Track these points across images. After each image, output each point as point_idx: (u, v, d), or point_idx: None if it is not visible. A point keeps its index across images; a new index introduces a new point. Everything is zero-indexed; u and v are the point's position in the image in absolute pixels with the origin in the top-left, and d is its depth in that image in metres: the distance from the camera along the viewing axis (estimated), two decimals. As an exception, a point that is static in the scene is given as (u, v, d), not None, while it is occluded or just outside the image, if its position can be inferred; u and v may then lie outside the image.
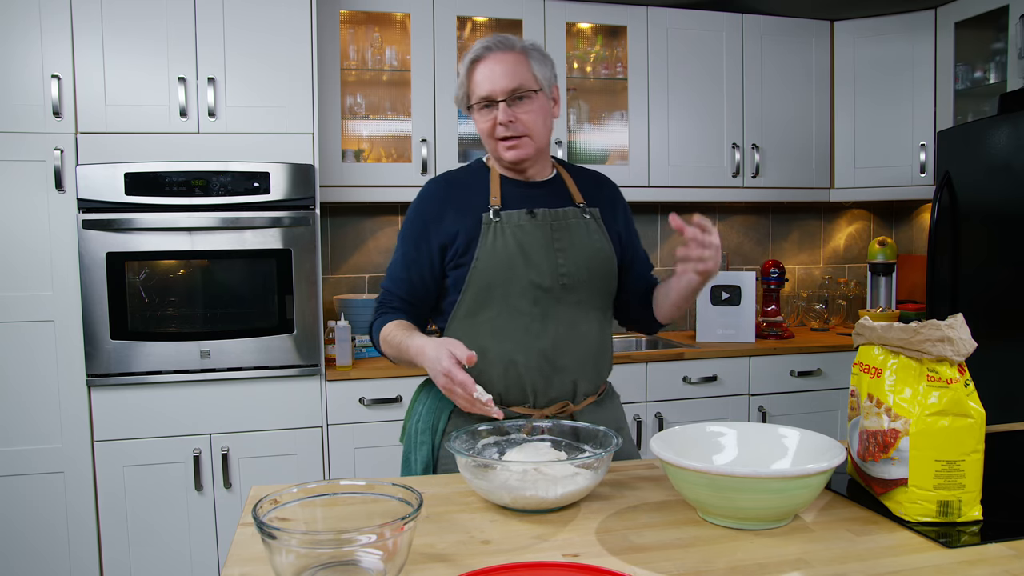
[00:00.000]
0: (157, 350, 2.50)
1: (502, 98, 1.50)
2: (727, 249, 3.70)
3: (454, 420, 1.56)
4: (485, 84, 1.50)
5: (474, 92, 1.53)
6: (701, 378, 3.02)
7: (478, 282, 1.52)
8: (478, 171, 1.63)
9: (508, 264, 1.51)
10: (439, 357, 1.34)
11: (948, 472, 1.11)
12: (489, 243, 1.51)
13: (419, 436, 1.59)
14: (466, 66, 1.53)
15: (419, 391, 1.68)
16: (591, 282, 1.57)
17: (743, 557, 1.02)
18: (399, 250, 1.60)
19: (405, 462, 1.63)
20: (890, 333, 1.18)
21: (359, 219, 3.25)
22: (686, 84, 3.25)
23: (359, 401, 2.68)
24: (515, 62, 1.51)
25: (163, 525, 2.53)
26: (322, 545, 0.90)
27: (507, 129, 1.51)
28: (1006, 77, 2.95)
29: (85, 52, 2.43)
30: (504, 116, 1.50)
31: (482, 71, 1.51)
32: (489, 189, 1.57)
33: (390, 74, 3.09)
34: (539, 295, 1.52)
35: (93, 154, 2.44)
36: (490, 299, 1.52)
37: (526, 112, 1.52)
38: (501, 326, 1.52)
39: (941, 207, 2.81)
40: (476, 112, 1.54)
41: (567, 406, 1.56)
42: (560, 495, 1.17)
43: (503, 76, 1.50)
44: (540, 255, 1.52)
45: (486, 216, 1.53)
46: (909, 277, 3.71)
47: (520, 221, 1.53)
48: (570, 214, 1.58)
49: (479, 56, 1.52)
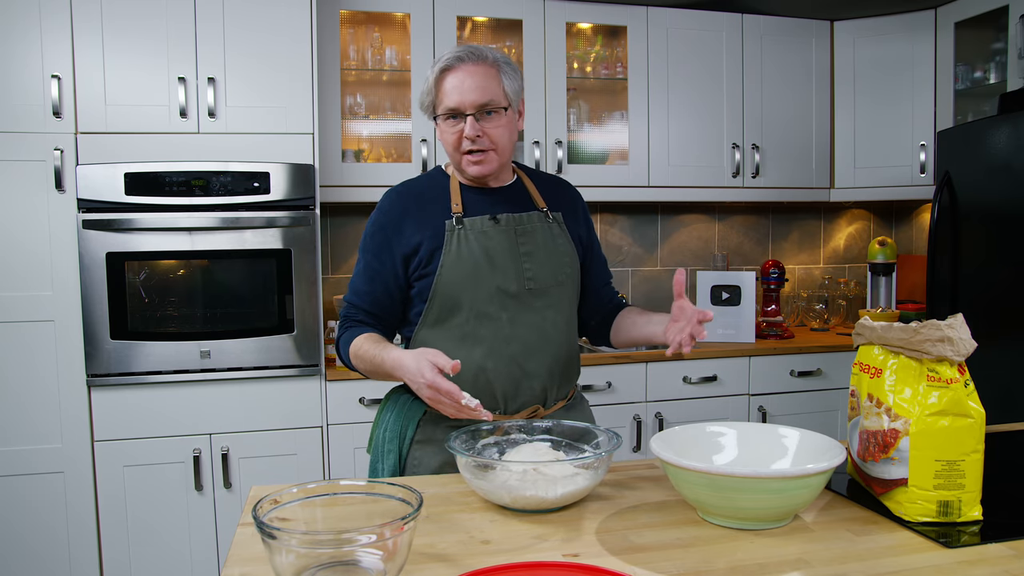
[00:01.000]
0: (157, 350, 2.50)
1: (471, 112, 1.47)
2: (727, 249, 3.70)
3: (423, 428, 1.55)
4: (454, 95, 1.47)
5: (442, 102, 1.49)
6: (701, 378, 3.02)
7: (444, 290, 1.51)
8: (437, 178, 1.61)
9: (474, 271, 1.50)
10: (420, 369, 1.32)
11: (948, 472, 1.11)
12: (454, 251, 1.50)
13: (386, 444, 1.57)
14: (435, 74, 1.49)
15: (386, 400, 1.66)
16: (557, 286, 1.57)
17: (743, 557, 1.02)
18: (361, 262, 1.57)
19: (372, 471, 1.61)
20: (890, 333, 1.18)
21: (359, 219, 3.25)
22: (686, 84, 3.25)
23: (359, 401, 2.68)
24: (486, 75, 1.48)
25: (163, 525, 2.53)
26: (322, 545, 0.90)
27: (473, 143, 1.49)
28: (1006, 77, 2.95)
29: (85, 52, 2.43)
30: (471, 131, 1.47)
31: (452, 81, 1.47)
32: (450, 197, 1.55)
33: (390, 74, 3.09)
34: (506, 300, 1.51)
35: (93, 154, 2.44)
36: (457, 307, 1.51)
37: (494, 127, 1.49)
38: (469, 333, 1.51)
39: (941, 207, 2.81)
40: (441, 121, 1.51)
41: (538, 410, 1.56)
42: (560, 495, 1.17)
43: (473, 90, 1.46)
44: (506, 260, 1.51)
45: (449, 224, 1.51)
46: (909, 277, 3.71)
47: (484, 227, 1.52)
48: (534, 218, 1.57)
49: (450, 66, 1.48)
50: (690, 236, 3.66)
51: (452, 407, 1.30)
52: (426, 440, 1.55)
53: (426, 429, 1.55)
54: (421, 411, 1.57)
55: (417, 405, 1.58)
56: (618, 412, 2.92)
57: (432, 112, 1.53)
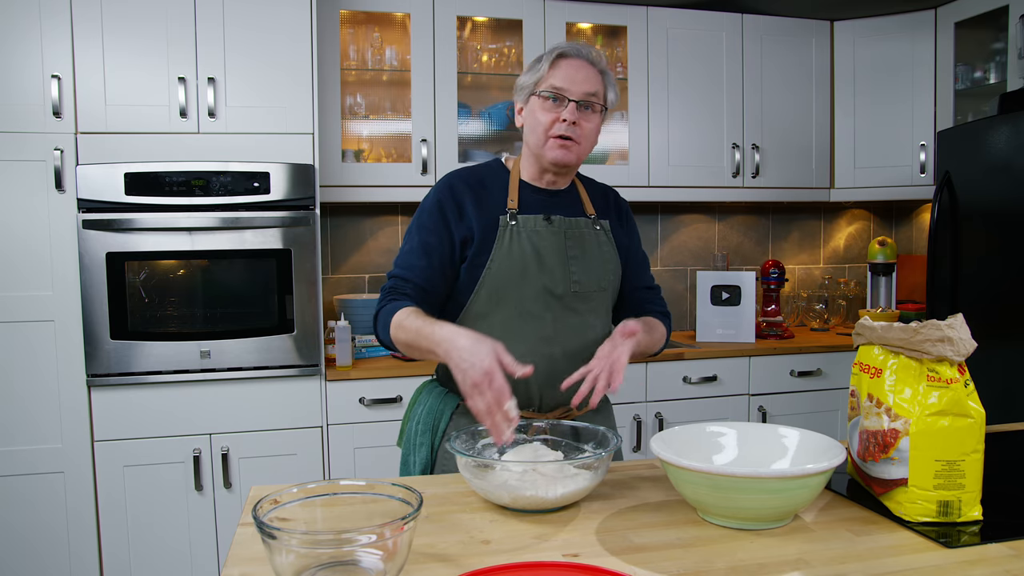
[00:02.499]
0: (157, 350, 2.49)
1: (576, 98, 1.49)
2: (727, 249, 3.70)
3: (455, 421, 1.56)
4: (565, 79, 1.50)
5: (548, 80, 1.50)
6: (701, 378, 3.02)
7: (491, 284, 1.51)
8: (497, 170, 1.61)
9: (523, 268, 1.50)
10: (480, 352, 1.20)
11: (948, 472, 1.11)
12: (505, 245, 1.51)
13: (418, 438, 1.58)
14: (550, 57, 1.51)
15: (417, 394, 1.67)
16: (600, 292, 1.58)
17: (743, 557, 1.02)
18: (415, 239, 1.53)
19: (404, 464, 1.63)
20: (890, 333, 1.18)
21: (359, 219, 3.25)
22: (686, 84, 3.25)
23: (359, 401, 2.68)
24: (596, 75, 1.52)
25: (163, 525, 2.53)
26: (322, 545, 0.90)
27: (568, 129, 1.50)
28: (1006, 77, 2.95)
29: (85, 52, 2.43)
30: (571, 115, 1.49)
31: (566, 67, 1.50)
32: (507, 190, 1.56)
33: (390, 74, 3.09)
34: (551, 301, 1.52)
35: (93, 154, 2.44)
36: (503, 301, 1.51)
37: (588, 121, 1.52)
38: (513, 329, 1.51)
39: (941, 207, 2.81)
40: (539, 101, 1.51)
41: (569, 412, 1.56)
42: (560, 495, 1.17)
43: (585, 80, 1.50)
44: (554, 261, 1.53)
45: (503, 219, 1.52)
46: (909, 277, 3.71)
47: (537, 226, 1.53)
48: (583, 224, 1.58)
49: (568, 53, 1.52)
50: (690, 236, 3.66)
51: (489, 405, 1.18)
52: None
53: (459, 422, 1.55)
54: (454, 404, 1.57)
55: (451, 398, 1.58)
56: (618, 412, 2.92)
57: (531, 91, 1.53)
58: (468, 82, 3.16)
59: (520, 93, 1.57)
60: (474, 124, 3.16)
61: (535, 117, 1.52)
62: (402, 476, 1.63)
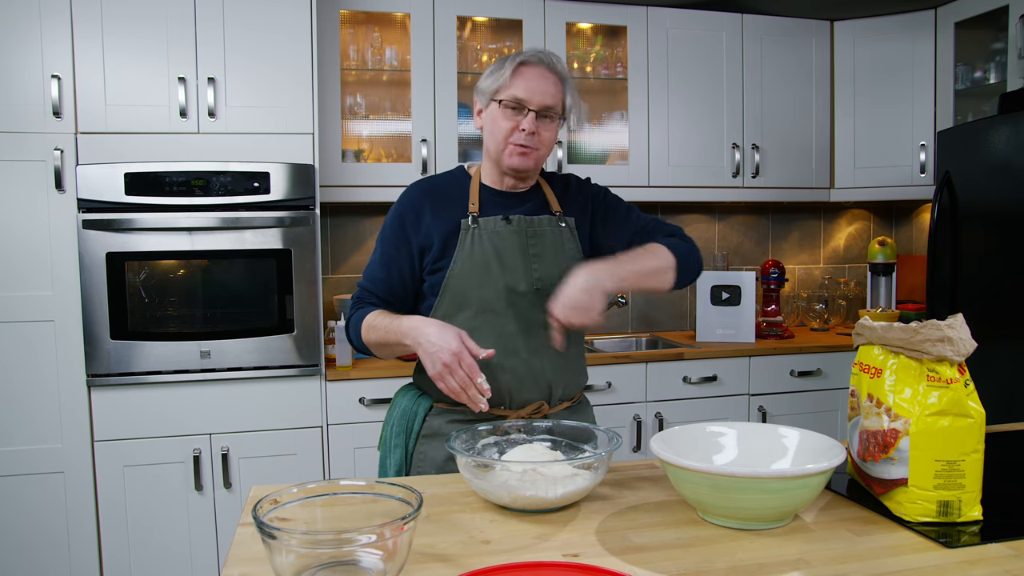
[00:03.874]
0: (157, 350, 2.49)
1: (535, 108, 1.53)
2: (727, 249, 3.70)
3: (428, 423, 1.59)
4: (526, 89, 1.53)
5: (509, 90, 1.53)
6: (701, 378, 3.02)
7: (454, 286, 1.55)
8: (459, 177, 1.66)
9: (484, 268, 1.54)
10: (446, 337, 1.36)
11: (948, 472, 1.11)
12: (467, 248, 1.55)
13: (393, 439, 1.62)
14: (512, 64, 1.54)
15: (394, 397, 1.70)
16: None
17: (743, 557, 1.02)
18: (378, 250, 1.63)
19: (381, 467, 1.65)
20: (890, 333, 1.18)
21: (359, 219, 3.25)
22: (686, 84, 3.25)
23: (359, 401, 2.68)
24: (556, 83, 1.55)
25: (163, 525, 2.53)
26: (322, 545, 0.90)
27: (526, 138, 1.53)
28: (1006, 77, 2.95)
29: (85, 52, 2.43)
30: (530, 126, 1.53)
31: (528, 75, 1.53)
32: (468, 196, 1.60)
33: (390, 74, 3.09)
34: (515, 299, 1.55)
35: (93, 154, 2.44)
36: (466, 303, 1.55)
37: (547, 130, 1.56)
38: (477, 327, 1.53)
39: (941, 207, 2.81)
40: (500, 109, 1.55)
41: (542, 406, 1.58)
42: (560, 495, 1.17)
43: (544, 91, 1.53)
44: (515, 260, 1.56)
45: (464, 222, 1.56)
46: (909, 277, 3.71)
47: (496, 227, 1.57)
48: (545, 222, 1.61)
49: (529, 61, 1.54)
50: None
51: (460, 384, 1.34)
52: (431, 434, 1.58)
53: (432, 423, 1.59)
54: (427, 406, 1.60)
55: (423, 400, 1.61)
56: (618, 412, 2.92)
57: (491, 96, 1.56)
58: (468, 82, 3.16)
59: (481, 96, 1.60)
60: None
61: (496, 123, 1.56)
62: (380, 476, 1.65)
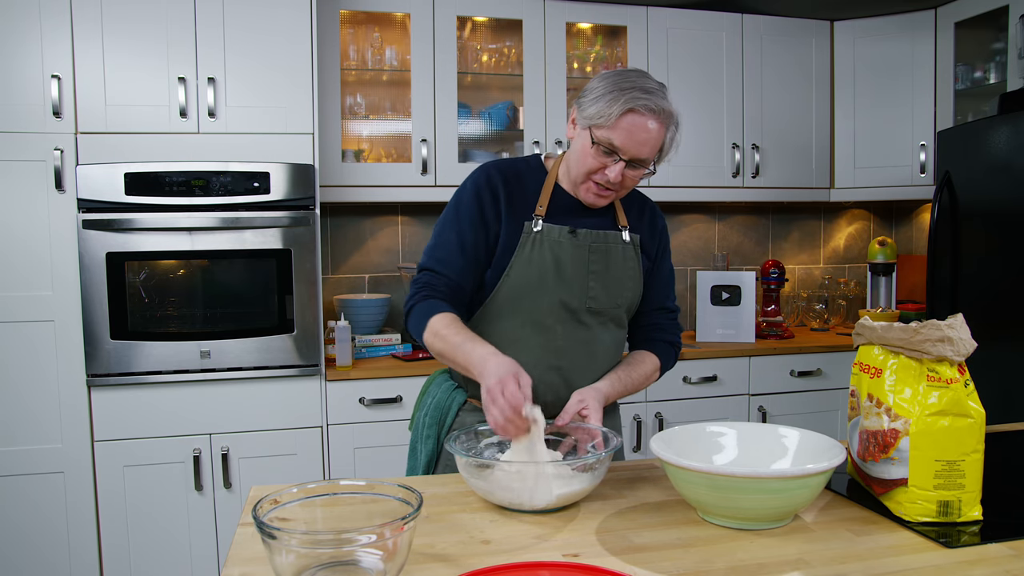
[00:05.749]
0: (157, 350, 2.49)
1: (628, 159, 1.42)
2: (727, 249, 3.70)
3: (460, 417, 1.56)
4: (625, 140, 1.40)
5: (607, 132, 1.40)
6: (701, 378, 3.02)
7: (508, 292, 1.49)
8: (535, 168, 1.57)
9: (540, 279, 1.48)
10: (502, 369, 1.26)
11: (948, 472, 1.11)
12: (526, 254, 1.48)
13: (426, 429, 1.58)
14: (621, 106, 1.38)
15: (430, 382, 1.67)
16: (616, 308, 1.55)
17: (743, 557, 1.02)
18: (452, 231, 1.49)
19: (412, 450, 1.63)
20: (890, 333, 1.18)
21: (359, 219, 3.25)
22: (686, 84, 3.25)
23: (359, 401, 2.67)
24: (659, 133, 1.43)
25: (163, 525, 2.53)
26: (322, 545, 0.90)
27: (609, 184, 1.45)
28: (1006, 77, 2.95)
29: (85, 52, 2.43)
30: (616, 176, 1.43)
31: (632, 127, 1.39)
32: (540, 191, 1.53)
33: (390, 74, 3.09)
34: (565, 315, 1.50)
35: (93, 154, 2.44)
36: (516, 309, 1.49)
37: (633, 178, 1.47)
38: (522, 338, 1.49)
39: (941, 207, 2.81)
40: (593, 146, 1.43)
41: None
42: (560, 496, 1.17)
43: (643, 144, 1.41)
44: (574, 275, 1.49)
45: (528, 225, 1.49)
46: (909, 277, 3.71)
47: (560, 237, 1.49)
48: (611, 238, 1.54)
49: (638, 108, 1.39)
50: (690, 236, 3.66)
51: (506, 413, 1.21)
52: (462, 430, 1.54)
53: (464, 419, 1.55)
54: (461, 400, 1.57)
55: (458, 394, 1.58)
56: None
57: (589, 125, 1.43)
58: (468, 82, 3.16)
59: (579, 113, 1.46)
60: (474, 124, 3.16)
61: (584, 154, 1.45)
62: (410, 461, 1.63)
